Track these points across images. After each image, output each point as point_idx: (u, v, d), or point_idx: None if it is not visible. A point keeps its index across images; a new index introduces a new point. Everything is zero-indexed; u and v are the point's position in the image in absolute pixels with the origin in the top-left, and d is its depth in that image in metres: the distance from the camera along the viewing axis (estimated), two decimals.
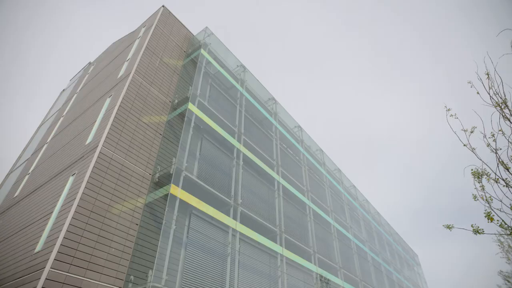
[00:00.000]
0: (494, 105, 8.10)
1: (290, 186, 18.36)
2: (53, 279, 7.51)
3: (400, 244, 38.59)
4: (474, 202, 8.08)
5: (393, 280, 29.89)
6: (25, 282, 7.98)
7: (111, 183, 9.82)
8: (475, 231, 7.73)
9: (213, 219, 11.90)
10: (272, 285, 13.77)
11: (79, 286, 7.88)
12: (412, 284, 35.84)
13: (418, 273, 42.32)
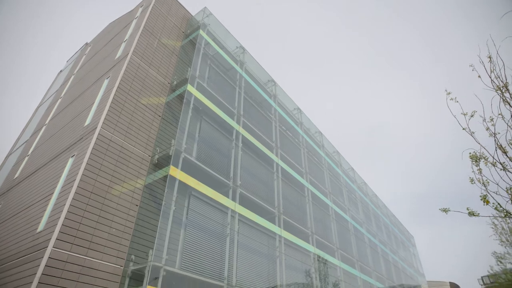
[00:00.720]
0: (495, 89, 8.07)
1: (289, 168, 18.48)
2: (56, 258, 7.66)
3: (396, 226, 39.21)
4: (471, 186, 8.15)
5: (389, 260, 30.54)
6: (28, 261, 8.15)
7: (110, 165, 9.86)
8: (470, 214, 7.84)
9: (212, 200, 12.04)
10: (270, 265, 14.07)
11: (81, 265, 8.05)
12: (407, 265, 36.65)
13: (414, 254, 43.19)
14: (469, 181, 8.25)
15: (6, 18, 76.33)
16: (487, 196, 7.73)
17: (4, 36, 78.00)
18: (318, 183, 21.61)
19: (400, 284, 30.93)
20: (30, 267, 7.86)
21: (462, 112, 8.16)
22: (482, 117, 8.11)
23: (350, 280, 20.91)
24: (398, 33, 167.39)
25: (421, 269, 43.28)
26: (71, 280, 7.74)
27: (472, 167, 8.28)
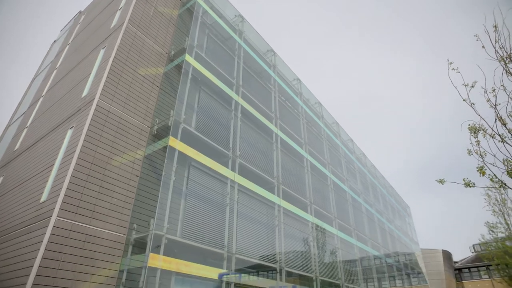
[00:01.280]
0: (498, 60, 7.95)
1: (288, 139, 18.54)
2: (60, 227, 7.85)
3: (393, 196, 39.93)
4: (468, 158, 8.21)
5: (385, 229, 31.37)
6: (34, 229, 8.36)
7: (109, 136, 9.88)
8: (466, 185, 7.94)
9: (211, 170, 12.17)
10: (269, 233, 14.46)
11: (85, 233, 8.27)
12: (402, 233, 37.70)
13: (409, 223, 44.31)
14: (466, 152, 8.31)
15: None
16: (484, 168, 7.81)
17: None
18: (317, 154, 21.76)
19: (395, 252, 31.97)
20: (36, 235, 8.07)
21: (464, 83, 8.08)
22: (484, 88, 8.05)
23: (347, 248, 21.59)
24: (401, 1, 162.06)
25: (415, 238, 44.61)
26: (76, 247, 7.99)
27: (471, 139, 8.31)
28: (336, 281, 18.26)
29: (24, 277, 7.31)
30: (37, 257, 7.32)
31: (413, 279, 35.87)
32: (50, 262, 7.43)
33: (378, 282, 25.75)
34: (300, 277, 15.45)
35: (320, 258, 17.68)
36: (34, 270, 7.18)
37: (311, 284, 15.89)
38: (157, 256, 8.64)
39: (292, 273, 14.61)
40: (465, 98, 8.17)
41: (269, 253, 13.86)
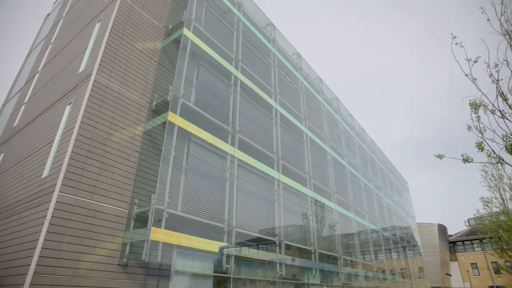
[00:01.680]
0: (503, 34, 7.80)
1: (287, 114, 18.47)
2: (63, 202, 7.97)
3: (391, 171, 40.28)
4: (467, 133, 8.21)
5: (383, 204, 31.87)
6: (37, 205, 8.49)
7: (108, 112, 9.83)
8: (465, 160, 7.98)
9: (211, 145, 12.20)
10: (269, 208, 14.70)
11: (88, 208, 8.41)
12: (399, 208, 38.35)
13: (406, 198, 44.96)
14: (466, 128, 8.30)
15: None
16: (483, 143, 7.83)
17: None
18: (316, 129, 21.77)
19: (391, 225, 32.65)
20: (39, 210, 8.21)
21: (466, 58, 7.97)
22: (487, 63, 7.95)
23: (345, 222, 22.02)
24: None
25: (412, 212, 45.42)
26: (80, 222, 8.14)
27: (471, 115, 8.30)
28: (334, 254, 18.75)
29: (30, 250, 7.50)
30: (42, 231, 7.48)
31: (409, 252, 36.87)
32: (55, 235, 7.60)
33: (374, 254, 26.46)
34: (299, 250, 15.85)
35: (319, 232, 18.08)
36: (40, 243, 7.35)
37: (310, 256, 16.33)
38: (158, 230, 8.82)
39: (291, 246, 14.98)
40: (467, 73, 8.07)
41: (269, 227, 14.15)
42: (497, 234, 22.81)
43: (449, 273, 59.13)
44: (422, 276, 40.93)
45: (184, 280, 10.39)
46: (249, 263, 13.17)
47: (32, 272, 7.04)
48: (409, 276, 34.39)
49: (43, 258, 7.28)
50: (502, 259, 24.94)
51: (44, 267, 7.23)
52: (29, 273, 7.02)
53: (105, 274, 8.28)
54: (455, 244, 63.56)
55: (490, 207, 23.88)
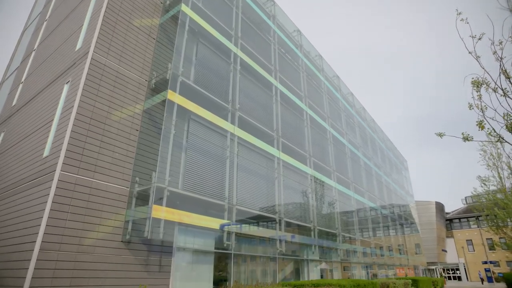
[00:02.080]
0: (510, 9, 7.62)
1: (288, 92, 18.33)
2: (65, 181, 8.04)
3: (391, 150, 40.42)
4: (468, 112, 8.18)
5: (382, 182, 32.18)
6: (40, 183, 8.56)
7: (107, 90, 9.74)
8: (465, 139, 7.99)
9: (211, 124, 12.18)
10: (269, 186, 14.84)
11: (90, 186, 8.49)
12: (398, 186, 38.73)
13: (405, 176, 45.33)
14: (467, 107, 8.27)
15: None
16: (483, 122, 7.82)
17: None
18: (317, 107, 21.67)
19: (390, 203, 33.09)
20: (42, 188, 8.29)
21: (471, 35, 7.82)
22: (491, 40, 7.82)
23: (345, 199, 22.31)
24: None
25: (410, 191, 45.90)
26: (82, 200, 8.24)
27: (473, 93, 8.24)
28: (333, 231, 19.11)
29: (35, 227, 7.63)
30: (46, 209, 7.58)
31: (406, 229, 37.56)
32: (58, 213, 7.71)
33: (372, 231, 26.96)
34: (298, 227, 16.14)
35: (318, 210, 18.34)
36: (44, 221, 7.47)
37: (309, 233, 16.64)
38: (160, 207, 8.94)
39: (291, 223, 15.24)
40: (471, 51, 7.95)
41: (269, 205, 14.34)
42: (493, 211, 23.17)
43: (445, 249, 60.49)
44: (418, 252, 41.83)
45: (186, 256, 10.63)
46: (250, 240, 13.43)
47: (38, 248, 7.19)
48: (405, 252, 35.18)
49: (48, 235, 7.41)
50: (497, 236, 25.44)
51: (49, 244, 7.38)
52: (35, 249, 7.18)
53: (109, 250, 8.47)
54: (451, 221, 64.68)
55: (488, 186, 24.15)
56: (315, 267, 17.80)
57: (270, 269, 14.29)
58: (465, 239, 61.48)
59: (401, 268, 32.04)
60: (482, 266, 53.49)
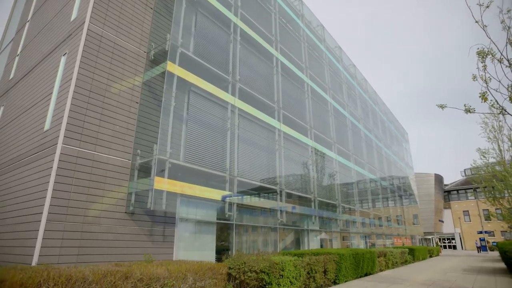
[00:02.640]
0: None
1: (288, 63, 18.04)
2: (67, 154, 8.08)
3: (392, 122, 40.31)
4: (470, 85, 8.09)
5: (382, 154, 32.34)
6: (42, 157, 8.62)
7: (105, 62, 9.58)
8: (467, 110, 7.96)
9: (211, 95, 12.08)
10: (270, 157, 14.93)
11: (92, 159, 8.55)
12: (398, 158, 38.96)
13: (406, 148, 45.49)
14: (471, 78, 8.17)
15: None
16: (486, 93, 7.77)
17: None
18: (318, 79, 21.40)
19: (390, 175, 33.42)
20: (45, 162, 8.35)
21: (478, 3, 7.59)
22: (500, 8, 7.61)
23: (345, 171, 22.51)
24: None
25: (410, 163, 46.21)
26: (85, 172, 8.32)
27: (477, 64, 8.12)
28: (333, 202, 19.43)
29: (41, 199, 7.76)
30: (50, 182, 7.68)
31: (405, 200, 38.18)
32: (62, 186, 7.82)
33: (372, 202, 27.41)
34: (299, 198, 16.40)
35: (319, 181, 18.55)
36: (49, 193, 7.58)
37: (310, 204, 16.93)
38: (162, 179, 9.05)
39: (291, 194, 15.46)
40: (478, 20, 7.74)
41: (270, 176, 14.50)
42: (491, 183, 23.42)
43: (442, 219, 61.78)
44: (416, 222, 42.78)
45: (189, 226, 10.88)
46: (251, 211, 13.70)
47: (45, 219, 7.35)
48: (403, 222, 35.96)
49: (53, 206, 7.55)
50: (493, 207, 25.86)
51: (55, 215, 7.53)
52: (42, 220, 7.34)
53: (114, 221, 8.65)
54: (449, 193, 65.65)
55: (487, 158, 24.23)
56: (315, 237, 18.26)
57: (271, 239, 14.67)
58: (462, 210, 62.69)
59: (398, 238, 32.88)
60: (477, 235, 54.87)
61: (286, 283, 8.71)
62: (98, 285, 5.02)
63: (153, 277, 5.75)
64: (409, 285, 11.50)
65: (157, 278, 5.81)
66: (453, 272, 16.24)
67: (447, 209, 64.20)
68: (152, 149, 9.65)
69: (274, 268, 8.37)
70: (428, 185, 59.36)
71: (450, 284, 11.60)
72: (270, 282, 8.21)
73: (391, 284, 11.94)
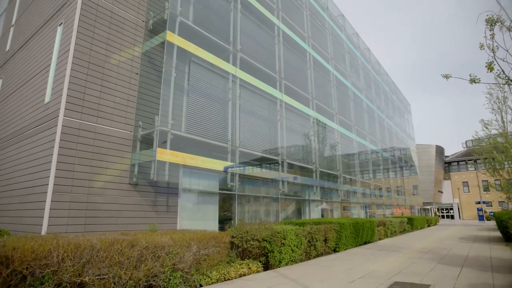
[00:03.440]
0: None
1: (290, 32, 17.60)
2: (69, 126, 8.08)
3: (395, 93, 39.86)
4: (476, 56, 7.91)
5: (384, 125, 32.24)
6: (44, 129, 8.63)
7: (103, 32, 9.36)
8: (472, 81, 7.84)
9: (212, 65, 11.89)
10: (271, 128, 14.92)
11: (94, 131, 8.56)
12: (400, 129, 38.88)
13: (408, 120, 45.28)
14: (478, 47, 7.96)
15: None
16: (493, 63, 7.60)
17: None
18: (320, 49, 20.95)
19: (391, 146, 33.49)
20: (47, 134, 8.38)
21: None
22: None
23: (346, 142, 22.56)
24: None
25: (412, 134, 46.18)
26: (88, 145, 8.37)
27: (485, 32, 7.90)
28: (334, 173, 19.61)
29: (46, 171, 7.86)
30: (54, 154, 7.74)
31: (405, 171, 38.50)
32: (66, 158, 7.89)
33: (373, 173, 27.67)
34: (301, 169, 16.55)
35: (320, 152, 18.63)
36: (54, 165, 7.66)
37: (311, 175, 17.10)
38: (164, 150, 9.09)
39: (293, 165, 15.59)
40: None
41: (272, 147, 14.55)
42: (491, 155, 23.45)
43: (441, 190, 62.58)
44: (415, 193, 43.32)
45: (192, 197, 11.07)
46: (253, 181, 13.88)
47: (51, 191, 7.48)
48: (403, 193, 36.46)
49: (59, 178, 7.66)
50: (492, 178, 26.04)
51: (61, 186, 7.66)
52: (48, 192, 7.46)
53: (118, 192, 8.80)
54: (450, 164, 66.07)
55: (489, 129, 24.10)
56: (316, 207, 18.61)
57: (273, 209, 14.96)
58: (461, 181, 63.36)
59: (398, 208, 33.47)
60: (475, 206, 55.79)
61: (288, 251, 8.96)
62: (105, 252, 5.17)
63: (158, 245, 5.91)
64: (407, 253, 11.83)
65: (162, 246, 5.98)
66: (449, 241, 16.65)
67: (447, 180, 64.87)
68: (153, 121, 9.64)
69: (276, 237, 8.59)
70: (429, 156, 59.62)
71: (446, 252, 11.92)
72: (272, 250, 8.45)
73: (389, 251, 12.28)
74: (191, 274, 6.47)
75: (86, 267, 4.92)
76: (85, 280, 4.86)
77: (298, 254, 9.49)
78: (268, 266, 8.55)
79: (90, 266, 4.97)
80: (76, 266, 4.76)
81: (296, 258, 9.45)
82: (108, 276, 5.15)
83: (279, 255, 8.64)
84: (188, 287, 6.39)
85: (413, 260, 9.97)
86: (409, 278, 7.14)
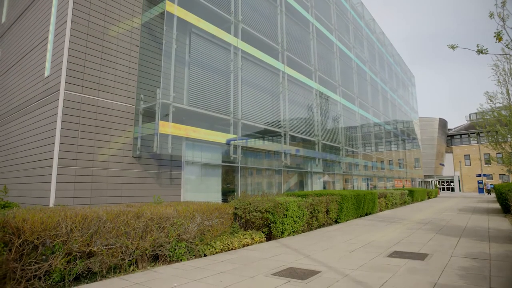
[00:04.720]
0: None
1: (293, 2, 17.06)
2: (70, 100, 8.05)
3: (399, 65, 39.13)
4: (484, 27, 7.67)
5: (387, 98, 31.90)
6: (46, 103, 8.60)
7: (100, 3, 9.10)
8: (479, 51, 7.65)
9: (214, 37, 11.64)
10: (274, 100, 14.81)
11: (95, 105, 8.53)
12: (403, 102, 38.50)
13: (412, 93, 44.73)
14: (488, 15, 7.73)
15: None
16: (502, 33, 7.39)
17: None
18: (323, 19, 20.38)
19: (394, 119, 33.30)
20: (50, 108, 8.36)
21: None
22: None
23: (349, 115, 22.43)
24: None
25: (416, 107, 45.76)
26: (90, 118, 8.36)
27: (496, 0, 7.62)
28: (336, 145, 19.65)
29: (50, 145, 7.91)
30: (57, 128, 7.76)
31: (407, 144, 38.50)
32: (69, 131, 7.91)
33: (375, 146, 27.71)
34: (303, 141, 16.58)
35: (323, 124, 18.58)
36: (57, 139, 7.71)
37: (313, 147, 17.15)
38: (166, 123, 9.09)
39: (295, 137, 15.60)
40: None
41: (274, 119, 14.51)
42: (494, 128, 23.27)
43: (443, 163, 62.83)
44: (417, 166, 43.53)
45: (195, 169, 11.18)
46: (256, 154, 13.96)
47: (56, 164, 7.57)
48: (405, 166, 36.65)
49: (63, 152, 7.73)
50: (494, 151, 25.99)
51: (66, 160, 7.74)
52: (54, 165, 7.55)
53: (122, 165, 8.89)
54: (452, 137, 65.89)
55: (494, 102, 23.77)
56: (318, 179, 18.81)
57: (275, 181, 15.14)
58: (463, 154, 63.45)
59: (399, 180, 33.78)
60: (476, 178, 56.19)
61: (290, 222, 9.15)
62: (112, 223, 5.30)
63: (163, 217, 6.05)
64: (407, 223, 12.06)
65: (167, 217, 6.11)
66: (449, 212, 16.92)
67: (449, 153, 64.96)
68: (155, 94, 9.57)
69: (278, 208, 8.75)
70: (432, 129, 59.38)
71: (445, 223, 12.14)
72: (274, 221, 8.63)
73: (389, 222, 12.52)
74: (195, 244, 6.66)
75: (94, 237, 5.06)
76: (93, 249, 5.02)
77: (300, 225, 9.70)
78: (270, 237, 8.76)
79: (98, 237, 5.11)
80: (85, 236, 4.90)
81: (298, 229, 9.66)
82: (115, 246, 5.31)
83: (282, 226, 8.83)
84: (193, 256, 6.59)
85: (412, 230, 10.18)
86: (408, 248, 7.33)
